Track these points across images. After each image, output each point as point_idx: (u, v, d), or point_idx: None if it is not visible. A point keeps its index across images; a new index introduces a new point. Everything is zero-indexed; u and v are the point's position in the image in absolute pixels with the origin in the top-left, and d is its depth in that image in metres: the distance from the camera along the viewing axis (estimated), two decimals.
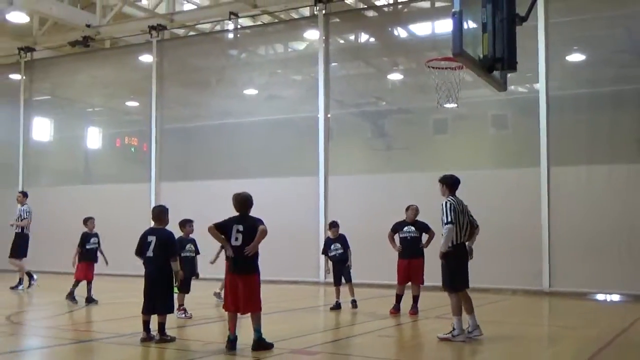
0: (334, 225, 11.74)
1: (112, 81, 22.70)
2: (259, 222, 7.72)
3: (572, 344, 8.66)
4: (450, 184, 8.71)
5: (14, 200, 21.48)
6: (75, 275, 12.42)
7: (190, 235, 10.80)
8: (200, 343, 8.47)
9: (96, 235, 12.65)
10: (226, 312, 7.75)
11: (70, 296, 12.22)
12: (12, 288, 14.92)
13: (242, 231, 7.62)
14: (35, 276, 15.12)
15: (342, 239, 11.63)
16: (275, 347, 7.60)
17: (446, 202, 8.52)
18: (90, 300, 12.17)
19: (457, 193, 8.72)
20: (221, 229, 7.68)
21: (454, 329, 8.42)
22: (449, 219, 8.37)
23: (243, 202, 7.81)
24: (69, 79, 22.95)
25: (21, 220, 15.32)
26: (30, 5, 19.12)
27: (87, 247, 12.46)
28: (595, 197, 14.61)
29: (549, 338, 9.72)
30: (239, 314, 7.73)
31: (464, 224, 8.53)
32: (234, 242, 7.62)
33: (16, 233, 15.34)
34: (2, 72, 23.84)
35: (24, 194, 15.91)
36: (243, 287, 7.60)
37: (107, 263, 12.61)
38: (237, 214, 7.79)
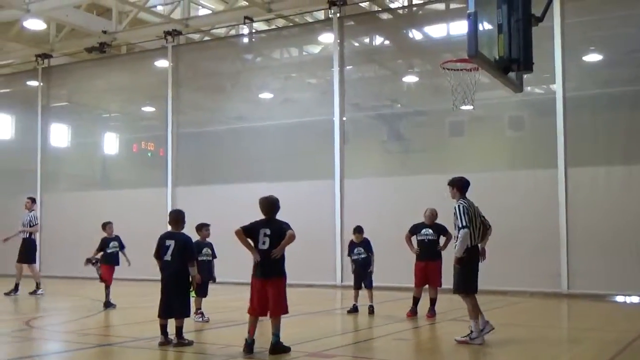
0: (358, 230, 11.67)
1: (128, 87, 22.84)
2: (286, 226, 7.76)
3: (591, 347, 8.59)
4: (460, 186, 8.68)
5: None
6: (104, 277, 12.48)
7: (207, 239, 10.81)
8: (218, 346, 8.48)
9: (116, 238, 12.69)
10: (248, 315, 7.73)
11: (108, 303, 12.29)
12: (30, 293, 15.03)
13: (269, 235, 7.64)
14: (19, 290, 15.22)
15: (365, 244, 11.60)
16: (292, 350, 7.60)
17: (459, 205, 8.48)
18: (108, 304, 12.22)
19: (471, 194, 8.68)
20: (248, 233, 7.70)
21: (471, 331, 8.38)
22: (464, 223, 8.33)
23: (270, 205, 7.84)
24: (86, 85, 23.12)
25: (31, 226, 15.47)
26: (47, 13, 19.28)
27: (108, 251, 12.53)
28: (613, 197, 14.49)
29: (568, 340, 9.64)
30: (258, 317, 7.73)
31: (477, 226, 8.50)
32: (261, 246, 7.64)
33: (24, 239, 15.48)
34: (20, 79, 24.10)
35: (33, 200, 16.03)
36: (272, 291, 7.60)
37: (129, 263, 12.64)
38: (263, 217, 7.81)
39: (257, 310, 7.65)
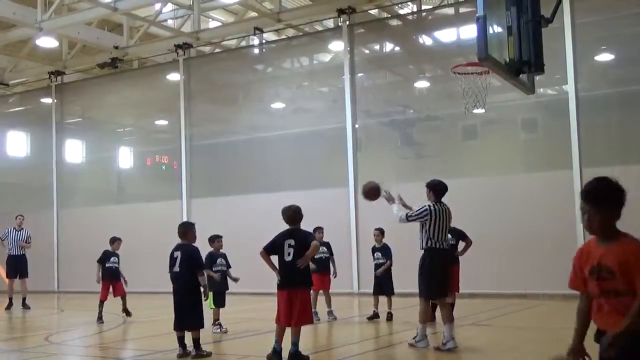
0: (377, 229, 11.79)
1: (141, 101, 22.98)
2: (311, 237, 7.82)
3: None
4: (436, 190, 8.76)
5: (50, 222, 21.99)
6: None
7: (221, 250, 10.82)
8: (237, 357, 8.48)
9: (117, 254, 12.80)
10: (276, 325, 7.73)
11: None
12: (24, 307, 15.39)
13: (293, 245, 7.66)
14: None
15: (384, 249, 11.66)
16: (310, 359, 7.57)
17: (427, 205, 8.59)
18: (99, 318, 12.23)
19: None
20: (272, 249, 7.72)
21: (417, 334, 8.47)
22: (413, 215, 8.52)
23: (293, 215, 7.86)
24: (99, 100, 23.28)
25: (28, 242, 16.01)
26: (59, 30, 19.45)
27: (107, 265, 12.64)
28: (630, 196, 14.23)
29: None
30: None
31: (442, 229, 8.51)
32: (286, 257, 7.64)
33: (24, 255, 15.98)
34: (34, 97, 24.31)
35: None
36: (298, 301, 7.57)
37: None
38: (286, 227, 7.84)
39: (284, 320, 7.63)
